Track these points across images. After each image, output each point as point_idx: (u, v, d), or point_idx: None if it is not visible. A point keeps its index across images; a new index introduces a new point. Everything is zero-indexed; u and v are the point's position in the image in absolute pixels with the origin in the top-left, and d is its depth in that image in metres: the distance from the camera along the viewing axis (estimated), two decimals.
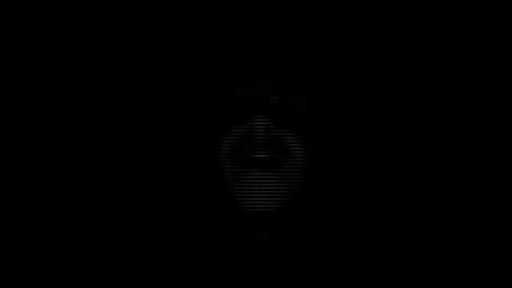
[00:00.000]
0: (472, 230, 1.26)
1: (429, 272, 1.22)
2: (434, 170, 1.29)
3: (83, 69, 1.31)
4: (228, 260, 1.19)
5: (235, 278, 1.18)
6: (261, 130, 1.16)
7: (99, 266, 1.22)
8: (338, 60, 1.28)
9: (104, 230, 1.25)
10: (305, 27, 1.28)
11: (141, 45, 1.31)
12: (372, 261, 1.19)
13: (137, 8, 1.31)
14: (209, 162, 1.21)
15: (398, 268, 1.20)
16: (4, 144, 1.30)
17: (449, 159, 1.29)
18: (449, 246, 1.25)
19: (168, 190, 1.25)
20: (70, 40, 1.31)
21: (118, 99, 1.30)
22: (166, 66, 1.30)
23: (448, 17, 1.31)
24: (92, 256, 1.23)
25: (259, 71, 1.20)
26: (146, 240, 1.22)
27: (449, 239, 1.25)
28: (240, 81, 1.20)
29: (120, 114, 1.30)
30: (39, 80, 1.31)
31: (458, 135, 1.30)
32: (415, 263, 1.21)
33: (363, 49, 1.30)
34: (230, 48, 1.26)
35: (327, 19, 1.30)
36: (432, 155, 1.29)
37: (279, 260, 1.18)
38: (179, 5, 1.31)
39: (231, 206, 1.19)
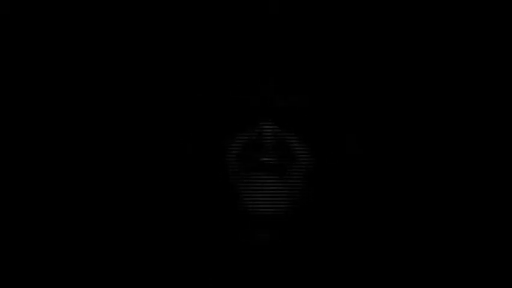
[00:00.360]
0: (474, 230, 1.26)
1: (431, 274, 1.22)
2: (436, 171, 1.29)
3: (84, 70, 1.30)
4: (229, 261, 1.19)
5: (236, 279, 1.18)
6: (264, 132, 1.16)
7: (100, 267, 1.22)
8: (339, 60, 1.28)
9: (106, 231, 1.25)
10: (305, 28, 1.28)
11: (142, 46, 1.31)
12: (372, 262, 1.20)
13: (137, 8, 1.31)
14: (211, 163, 1.21)
15: (398, 269, 1.20)
16: (4, 144, 1.29)
17: (449, 159, 1.29)
18: (454, 249, 1.25)
19: (170, 191, 1.25)
20: (70, 40, 1.31)
21: (119, 100, 1.30)
22: (167, 67, 1.30)
23: (448, 17, 1.32)
24: (94, 257, 1.23)
25: (259, 71, 1.21)
26: (148, 239, 1.23)
27: (453, 241, 1.25)
28: (240, 82, 1.20)
29: (121, 115, 1.30)
30: (39, 80, 1.31)
31: (459, 134, 1.30)
32: (415, 263, 1.22)
33: (364, 49, 1.30)
34: (230, 49, 1.26)
35: (327, 19, 1.30)
36: (434, 155, 1.29)
37: (280, 261, 1.18)
38: (179, 5, 1.31)
39: (233, 207, 1.19)
